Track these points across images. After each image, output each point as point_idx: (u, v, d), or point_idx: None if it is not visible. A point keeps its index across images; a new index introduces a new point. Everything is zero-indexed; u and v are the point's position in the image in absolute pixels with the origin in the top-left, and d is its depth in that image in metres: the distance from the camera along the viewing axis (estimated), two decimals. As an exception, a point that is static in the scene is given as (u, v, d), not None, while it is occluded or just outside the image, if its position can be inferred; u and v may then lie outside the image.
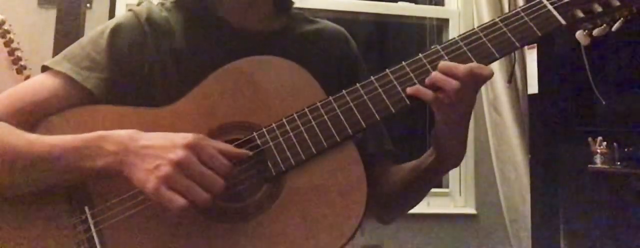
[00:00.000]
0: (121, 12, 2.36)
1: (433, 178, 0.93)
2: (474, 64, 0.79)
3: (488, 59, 0.81)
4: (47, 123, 0.84)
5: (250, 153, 0.80)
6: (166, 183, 0.72)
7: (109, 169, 0.76)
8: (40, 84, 0.87)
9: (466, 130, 0.85)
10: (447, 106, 0.79)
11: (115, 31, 0.90)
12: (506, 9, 2.52)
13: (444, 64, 0.80)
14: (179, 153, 0.73)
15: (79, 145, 0.77)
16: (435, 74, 0.79)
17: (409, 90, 0.80)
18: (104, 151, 0.76)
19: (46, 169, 0.78)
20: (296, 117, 0.82)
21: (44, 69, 0.90)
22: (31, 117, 0.84)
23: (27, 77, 2.04)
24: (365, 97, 0.82)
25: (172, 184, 0.72)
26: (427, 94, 0.79)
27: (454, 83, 0.77)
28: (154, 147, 0.75)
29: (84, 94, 0.86)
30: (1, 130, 0.80)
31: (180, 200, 0.71)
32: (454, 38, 0.83)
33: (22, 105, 0.85)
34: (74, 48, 0.91)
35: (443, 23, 2.83)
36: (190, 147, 0.74)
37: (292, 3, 1.01)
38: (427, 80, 0.80)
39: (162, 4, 0.96)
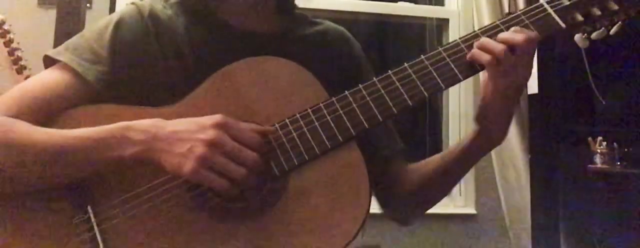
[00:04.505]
0: (121, 12, 2.35)
1: (471, 160, 0.94)
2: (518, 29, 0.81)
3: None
4: (54, 123, 0.83)
5: (275, 128, 0.81)
6: (204, 164, 0.72)
7: (137, 158, 0.76)
8: (46, 80, 0.87)
9: (513, 106, 0.87)
10: (501, 70, 0.80)
11: (119, 25, 0.89)
12: (506, 9, 2.52)
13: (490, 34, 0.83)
14: (210, 133, 0.74)
15: (105, 135, 0.77)
16: (483, 39, 0.82)
17: (468, 55, 0.82)
18: (131, 140, 0.76)
19: (70, 161, 0.78)
20: (299, 118, 0.82)
21: (46, 59, 0.90)
22: (39, 114, 0.84)
23: (27, 77, 2.03)
24: (367, 98, 0.82)
25: (210, 164, 0.73)
26: (482, 55, 0.81)
27: (500, 47, 0.79)
28: (182, 131, 0.75)
29: (85, 86, 0.86)
30: (19, 127, 0.80)
31: (220, 181, 0.73)
32: (456, 40, 0.83)
33: (32, 102, 0.85)
34: (76, 40, 0.91)
35: (443, 23, 2.83)
36: (219, 125, 0.75)
37: (295, 6, 1.01)
38: (476, 44, 0.82)
39: (166, 1, 0.96)
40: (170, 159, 0.74)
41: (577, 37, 0.89)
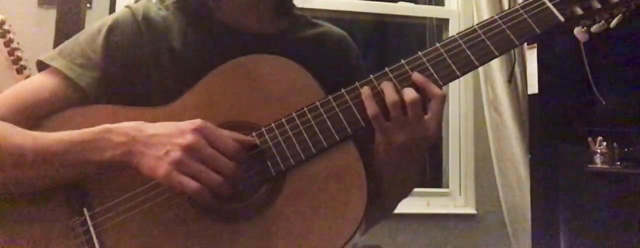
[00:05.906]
0: (121, 12, 2.36)
1: (397, 197, 0.94)
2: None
3: (487, 57, 0.82)
4: (45, 124, 0.83)
5: (257, 141, 0.81)
6: (177, 168, 0.72)
7: (117, 161, 0.76)
8: (38, 84, 0.87)
9: (421, 156, 0.84)
10: (385, 126, 0.79)
11: (112, 29, 0.89)
12: (506, 9, 2.52)
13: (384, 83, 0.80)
14: (188, 138, 0.73)
15: (86, 138, 0.77)
16: (383, 84, 0.80)
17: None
18: (112, 143, 0.76)
19: (54, 164, 0.78)
20: (295, 117, 0.82)
21: (39, 63, 0.90)
22: (30, 117, 0.84)
23: (27, 77, 2.04)
24: (364, 95, 0.81)
25: (183, 168, 0.72)
26: (371, 107, 0.79)
27: (394, 98, 0.78)
28: (162, 134, 0.75)
29: (77, 91, 0.86)
30: (5, 129, 0.80)
31: (192, 183, 0.72)
32: (454, 36, 0.83)
33: (22, 106, 0.85)
34: (69, 44, 0.91)
35: (443, 23, 2.83)
36: (198, 130, 0.75)
37: (293, 6, 1.00)
38: (381, 85, 0.80)
39: (162, 2, 0.95)
40: (147, 162, 0.74)
41: (577, 30, 0.88)
